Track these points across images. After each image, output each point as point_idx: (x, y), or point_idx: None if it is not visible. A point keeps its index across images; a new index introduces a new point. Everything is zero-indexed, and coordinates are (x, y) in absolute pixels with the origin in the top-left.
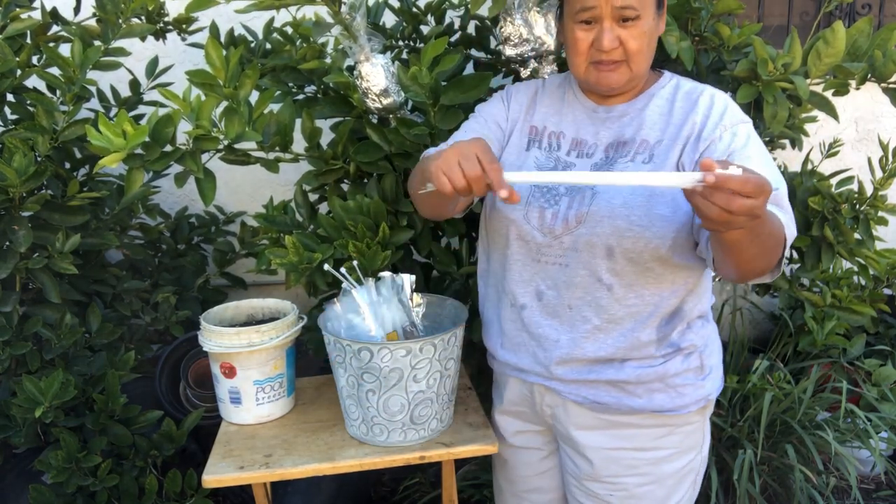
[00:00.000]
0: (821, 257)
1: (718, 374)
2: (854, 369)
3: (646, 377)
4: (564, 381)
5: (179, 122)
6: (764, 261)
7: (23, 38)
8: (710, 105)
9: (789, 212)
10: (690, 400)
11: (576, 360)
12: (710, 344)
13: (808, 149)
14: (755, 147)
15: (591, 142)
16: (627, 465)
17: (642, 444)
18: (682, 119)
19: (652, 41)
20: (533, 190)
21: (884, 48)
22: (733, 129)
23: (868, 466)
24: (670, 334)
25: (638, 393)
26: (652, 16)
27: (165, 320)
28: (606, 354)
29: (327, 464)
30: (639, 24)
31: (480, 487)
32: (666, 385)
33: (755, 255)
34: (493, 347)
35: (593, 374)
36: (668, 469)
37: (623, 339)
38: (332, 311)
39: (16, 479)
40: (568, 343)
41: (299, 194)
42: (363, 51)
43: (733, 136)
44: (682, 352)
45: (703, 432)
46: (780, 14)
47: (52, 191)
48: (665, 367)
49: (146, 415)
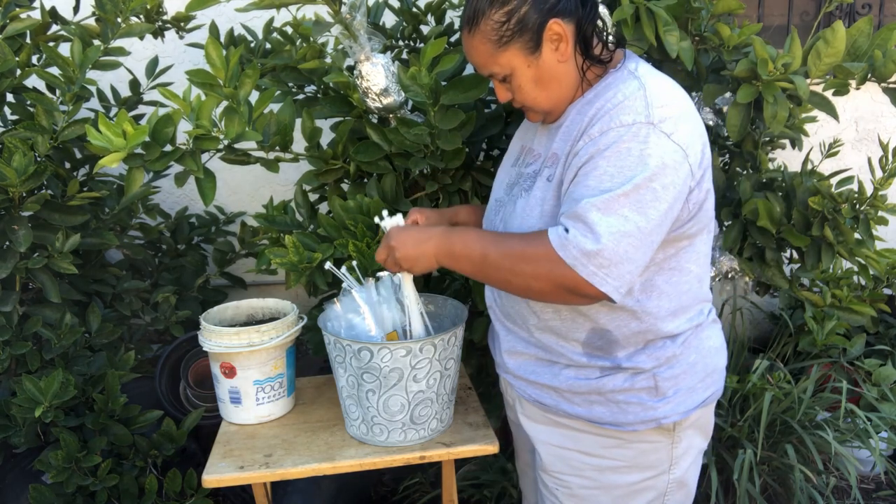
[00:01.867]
0: (821, 257)
1: (692, 398)
2: (854, 369)
3: (579, 388)
4: (515, 376)
5: (179, 121)
6: (517, 280)
7: (23, 38)
8: (599, 108)
9: (590, 226)
10: (635, 419)
11: (519, 353)
12: (678, 366)
13: (808, 149)
14: (607, 158)
15: (540, 154)
16: (572, 465)
17: (587, 448)
18: (577, 126)
19: (543, 80)
20: (495, 203)
21: (884, 48)
22: (600, 137)
23: (868, 466)
24: (607, 353)
25: (576, 402)
26: (524, 66)
27: (165, 320)
28: (543, 356)
29: (327, 464)
30: (515, 80)
31: (480, 487)
32: (606, 399)
33: (497, 281)
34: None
35: (534, 376)
36: (617, 480)
37: (551, 346)
38: (332, 311)
39: (16, 479)
40: (512, 340)
41: (299, 194)
42: (363, 50)
43: (594, 146)
44: (626, 371)
45: (669, 454)
46: (780, 14)
47: (52, 191)
48: (601, 382)
49: (146, 415)
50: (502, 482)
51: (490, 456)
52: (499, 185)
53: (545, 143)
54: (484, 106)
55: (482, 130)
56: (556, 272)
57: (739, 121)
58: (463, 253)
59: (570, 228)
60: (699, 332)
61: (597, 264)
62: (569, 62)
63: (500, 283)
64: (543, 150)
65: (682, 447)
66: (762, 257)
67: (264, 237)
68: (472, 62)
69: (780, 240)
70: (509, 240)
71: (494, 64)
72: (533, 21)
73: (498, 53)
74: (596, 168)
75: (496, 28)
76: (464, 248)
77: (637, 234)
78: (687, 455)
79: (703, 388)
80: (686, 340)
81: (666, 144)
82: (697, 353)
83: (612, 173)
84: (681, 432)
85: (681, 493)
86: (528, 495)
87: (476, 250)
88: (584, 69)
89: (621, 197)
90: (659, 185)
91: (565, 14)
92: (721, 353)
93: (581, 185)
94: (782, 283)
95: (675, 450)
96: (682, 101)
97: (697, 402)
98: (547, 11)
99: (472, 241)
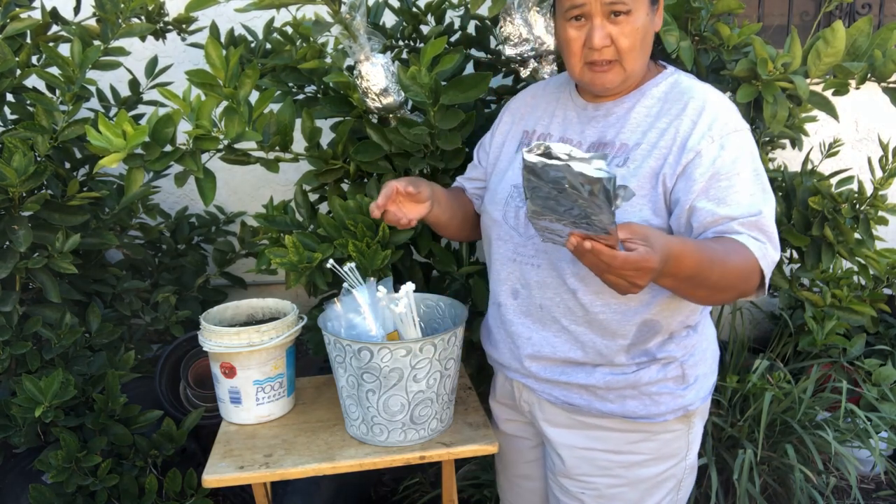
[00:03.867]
0: (821, 257)
1: (706, 384)
2: (854, 369)
3: (615, 384)
4: (538, 379)
5: (179, 121)
6: (723, 296)
7: (22, 38)
8: (700, 110)
9: (769, 237)
10: (667, 409)
11: (546, 358)
12: (697, 354)
13: (808, 149)
14: (744, 163)
15: (576, 140)
16: (599, 466)
17: (616, 447)
18: (668, 123)
19: (647, 38)
20: (512, 190)
21: (884, 48)
22: (722, 140)
23: (868, 466)
24: (644, 345)
25: (609, 398)
26: (645, 11)
27: (165, 320)
28: (576, 357)
29: (327, 464)
30: (630, 20)
31: (480, 487)
32: (640, 392)
33: (704, 296)
34: (482, 341)
35: (564, 377)
36: (644, 474)
37: (591, 344)
38: (332, 311)
39: (16, 479)
40: (539, 341)
41: (299, 194)
42: (363, 50)
43: (721, 150)
44: (659, 362)
45: (686, 441)
46: (780, 14)
47: (52, 190)
48: (637, 376)
49: (146, 415)
50: None
51: (490, 456)
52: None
53: (585, 129)
54: (484, 106)
55: (482, 130)
56: (754, 282)
57: None
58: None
59: (762, 240)
60: (706, 320)
61: (772, 269)
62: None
63: (702, 298)
64: (584, 135)
65: (695, 432)
66: None
67: (264, 237)
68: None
69: (781, 240)
70: (726, 258)
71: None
72: None
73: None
74: (738, 174)
75: None
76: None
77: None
78: (697, 440)
79: (712, 372)
80: (701, 328)
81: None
82: (706, 340)
83: (753, 180)
84: (695, 418)
85: (691, 476)
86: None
87: (691, 268)
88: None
89: (770, 202)
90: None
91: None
92: (716, 339)
93: (731, 191)
94: (782, 283)
95: (691, 435)
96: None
97: (710, 386)
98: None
99: (690, 256)
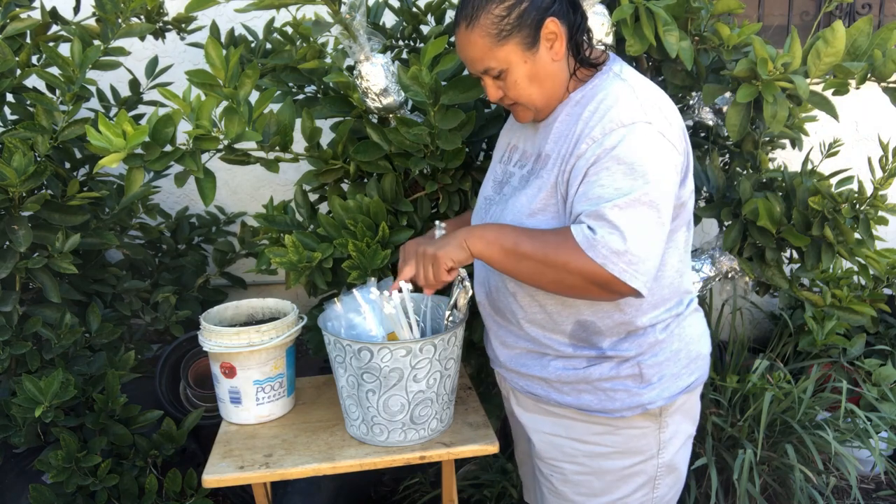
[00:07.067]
0: (821, 257)
1: (676, 384)
2: (854, 369)
3: (567, 378)
4: (507, 370)
5: (179, 122)
6: (556, 274)
7: (23, 38)
8: (593, 111)
9: (613, 224)
10: (622, 405)
11: (509, 348)
12: (661, 354)
13: (808, 149)
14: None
15: (530, 152)
16: (565, 452)
17: (579, 435)
18: (571, 128)
19: (539, 76)
20: (483, 201)
21: (883, 48)
22: (603, 138)
23: (868, 466)
24: (587, 341)
25: (565, 391)
26: (521, 61)
27: (165, 320)
28: (530, 347)
29: (327, 464)
30: (509, 76)
31: (480, 487)
32: (594, 388)
33: (536, 272)
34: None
35: (525, 368)
36: (608, 465)
37: (539, 338)
38: (332, 311)
39: (16, 479)
40: (504, 335)
41: (299, 194)
42: (363, 50)
43: (598, 148)
44: (612, 360)
45: (657, 439)
46: (780, 14)
47: (51, 190)
48: (588, 372)
49: (146, 415)
50: (502, 482)
51: (490, 456)
52: (486, 182)
53: (533, 142)
54: (484, 106)
55: (482, 130)
56: (588, 268)
57: (739, 121)
58: (495, 239)
59: (597, 228)
60: (681, 321)
61: (626, 262)
62: (561, 62)
63: (533, 274)
64: (532, 148)
65: (670, 432)
66: (762, 257)
67: (264, 237)
68: (467, 58)
69: (780, 240)
70: (541, 233)
71: (492, 58)
72: (531, 18)
73: (496, 48)
74: (607, 168)
75: (496, 22)
76: (497, 235)
77: (656, 230)
78: (675, 440)
79: (688, 373)
80: (668, 328)
81: (663, 143)
82: (680, 341)
83: (625, 172)
84: (667, 417)
85: (671, 477)
86: (527, 483)
87: (509, 238)
88: (575, 69)
89: (639, 195)
90: (665, 183)
91: (559, 16)
92: (704, 340)
93: (595, 185)
94: (782, 283)
95: (663, 434)
96: (667, 101)
97: (682, 387)
98: (544, 10)
99: (506, 230)
